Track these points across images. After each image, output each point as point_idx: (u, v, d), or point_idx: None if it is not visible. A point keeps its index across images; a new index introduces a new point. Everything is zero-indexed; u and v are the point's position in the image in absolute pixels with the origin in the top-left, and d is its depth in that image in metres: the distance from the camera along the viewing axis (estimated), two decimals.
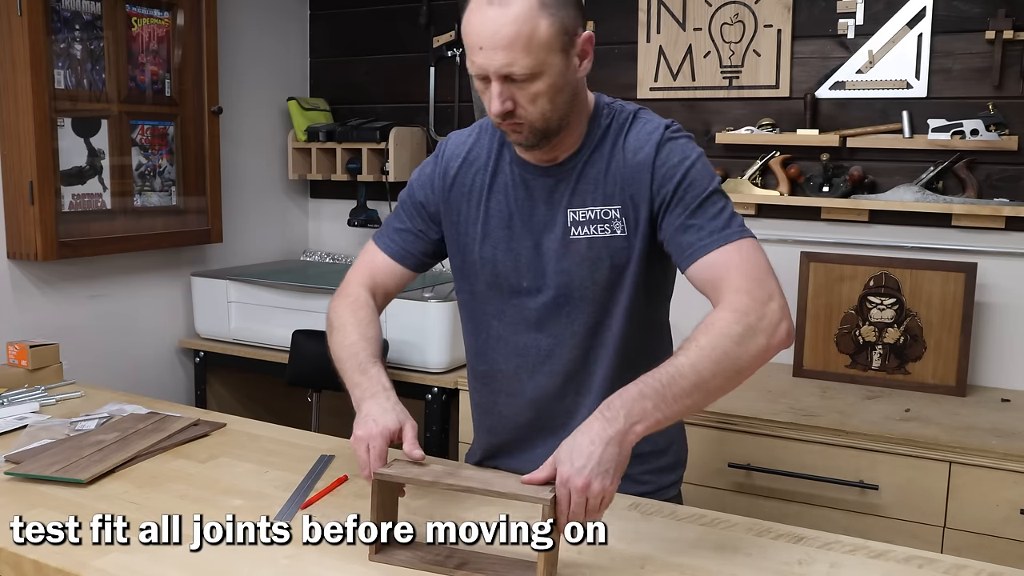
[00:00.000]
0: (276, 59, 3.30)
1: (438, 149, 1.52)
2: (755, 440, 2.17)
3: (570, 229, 1.38)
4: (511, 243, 1.42)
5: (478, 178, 1.45)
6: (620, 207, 1.35)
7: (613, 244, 1.36)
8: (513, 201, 1.41)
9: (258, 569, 1.18)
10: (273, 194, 3.35)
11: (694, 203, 1.31)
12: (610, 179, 1.36)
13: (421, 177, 1.52)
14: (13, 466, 1.49)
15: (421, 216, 1.51)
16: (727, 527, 1.32)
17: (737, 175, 2.67)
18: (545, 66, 1.25)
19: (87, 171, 2.62)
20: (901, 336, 2.43)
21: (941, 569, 1.19)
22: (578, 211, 1.37)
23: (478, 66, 1.26)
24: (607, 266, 1.37)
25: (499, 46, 1.22)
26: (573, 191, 1.38)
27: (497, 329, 1.48)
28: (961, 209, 2.39)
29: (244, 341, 2.91)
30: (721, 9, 2.67)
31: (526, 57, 1.23)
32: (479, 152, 1.46)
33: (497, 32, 1.22)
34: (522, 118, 1.29)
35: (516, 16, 1.21)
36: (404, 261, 1.52)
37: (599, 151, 1.37)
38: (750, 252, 1.29)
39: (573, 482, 1.09)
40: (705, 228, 1.29)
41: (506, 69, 1.24)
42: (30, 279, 2.54)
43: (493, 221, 1.43)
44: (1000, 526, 1.95)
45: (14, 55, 2.37)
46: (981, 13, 2.36)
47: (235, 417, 1.84)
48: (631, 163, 1.34)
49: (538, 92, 1.26)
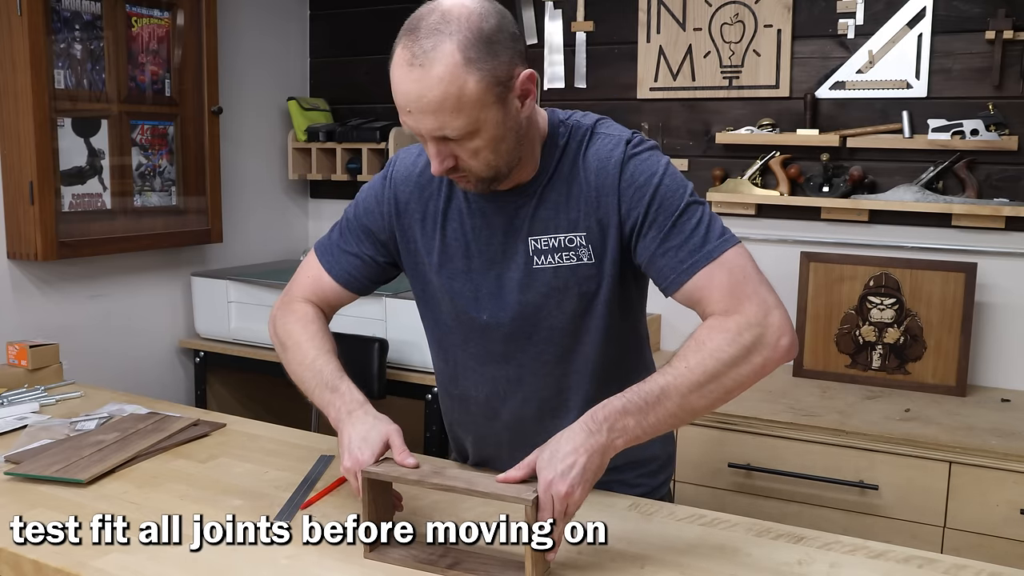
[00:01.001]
0: (276, 59, 3.30)
1: (387, 168, 1.42)
2: (755, 440, 2.17)
3: (532, 259, 1.29)
4: (470, 274, 1.34)
5: (431, 204, 1.36)
6: (585, 234, 1.27)
7: (580, 272, 1.29)
8: (470, 230, 1.33)
9: (258, 569, 1.17)
10: (273, 194, 3.35)
11: (667, 224, 1.23)
12: (572, 204, 1.27)
13: (368, 200, 1.42)
14: (13, 466, 1.49)
15: (369, 240, 1.43)
16: (727, 527, 1.32)
17: (737, 175, 2.67)
18: (480, 123, 1.16)
19: (87, 171, 2.62)
20: (901, 336, 2.43)
21: (941, 569, 1.19)
22: (540, 239, 1.29)
23: (410, 127, 1.18)
24: (575, 294, 1.30)
25: (426, 110, 1.14)
26: (533, 217, 1.29)
27: (463, 358, 1.42)
28: (961, 209, 2.39)
29: (244, 341, 2.91)
30: (721, 9, 2.67)
31: (457, 119, 1.14)
32: (430, 175, 1.34)
33: (422, 96, 1.13)
34: (465, 171, 1.22)
35: (440, 78, 1.11)
36: (349, 285, 1.46)
37: (558, 173, 1.29)
38: (735, 264, 1.22)
39: (556, 487, 1.08)
40: (683, 249, 1.22)
41: (439, 132, 1.16)
42: (30, 279, 2.54)
43: (450, 250, 1.34)
44: (1000, 526, 1.95)
45: (14, 55, 2.37)
46: (981, 13, 2.36)
47: (235, 417, 1.84)
48: (594, 185, 1.26)
49: (478, 147, 1.18)
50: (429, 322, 1.47)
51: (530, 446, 1.33)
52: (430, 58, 1.12)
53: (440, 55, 1.12)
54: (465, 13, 1.14)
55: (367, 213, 1.42)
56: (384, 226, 1.40)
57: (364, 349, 2.61)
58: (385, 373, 2.60)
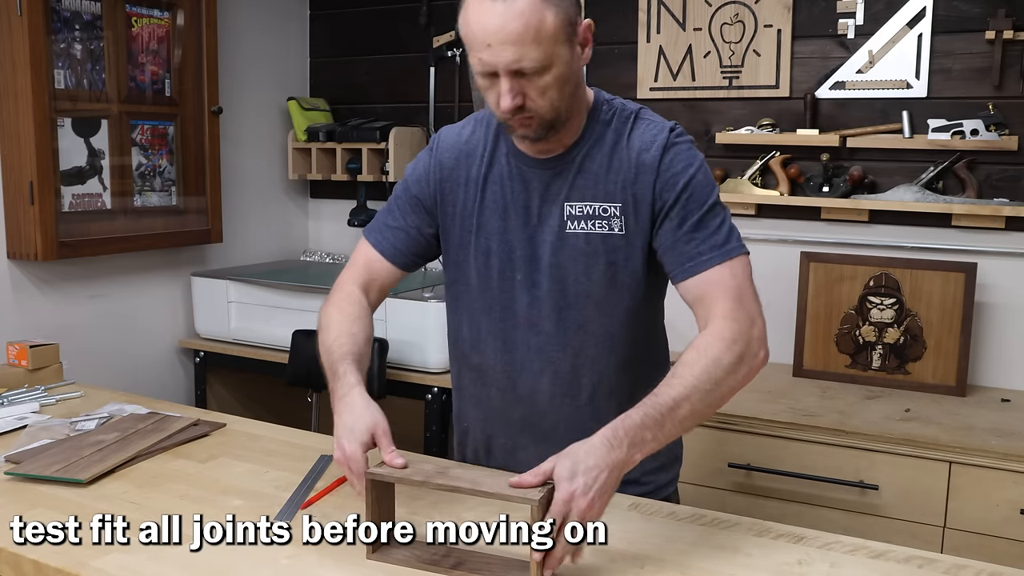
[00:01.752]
0: (276, 59, 3.30)
1: (432, 143, 1.50)
2: (755, 440, 2.17)
3: (566, 223, 1.36)
4: (505, 235, 1.40)
5: (473, 169, 1.43)
6: (621, 205, 1.34)
7: (610, 242, 1.35)
8: (509, 192, 1.39)
9: (258, 569, 1.18)
10: (273, 194, 3.35)
11: (695, 215, 1.31)
12: (612, 176, 1.34)
13: (416, 171, 1.49)
14: (13, 466, 1.49)
15: (416, 211, 1.48)
16: (727, 527, 1.32)
17: (737, 175, 2.67)
18: (554, 57, 1.23)
19: (87, 171, 2.62)
20: (901, 336, 2.43)
21: (941, 569, 1.19)
22: (575, 205, 1.36)
23: (485, 63, 1.23)
24: (603, 263, 1.36)
25: (508, 41, 1.20)
26: (572, 185, 1.36)
27: (488, 323, 1.46)
28: (961, 209, 2.39)
29: (244, 341, 2.91)
30: (721, 9, 2.67)
31: (536, 50, 1.21)
32: (475, 144, 1.44)
33: (504, 27, 1.20)
34: (532, 111, 1.27)
35: (522, 10, 1.19)
36: (396, 260, 1.49)
37: (599, 146, 1.36)
38: (742, 272, 1.31)
39: (577, 502, 1.08)
40: (706, 243, 1.30)
41: (516, 64, 1.22)
42: (30, 279, 2.54)
43: (487, 212, 1.41)
44: (1000, 526, 1.95)
45: (14, 55, 2.37)
46: (981, 13, 2.36)
47: (235, 417, 1.84)
48: (635, 162, 1.33)
49: (548, 84, 1.25)
50: (457, 287, 1.50)
51: (536, 428, 1.36)
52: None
53: None
54: None
55: (415, 182, 1.48)
56: (430, 192, 1.46)
57: None
58: (385, 373, 2.60)
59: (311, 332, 2.71)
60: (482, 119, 1.46)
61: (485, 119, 1.45)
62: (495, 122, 1.40)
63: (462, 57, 3.10)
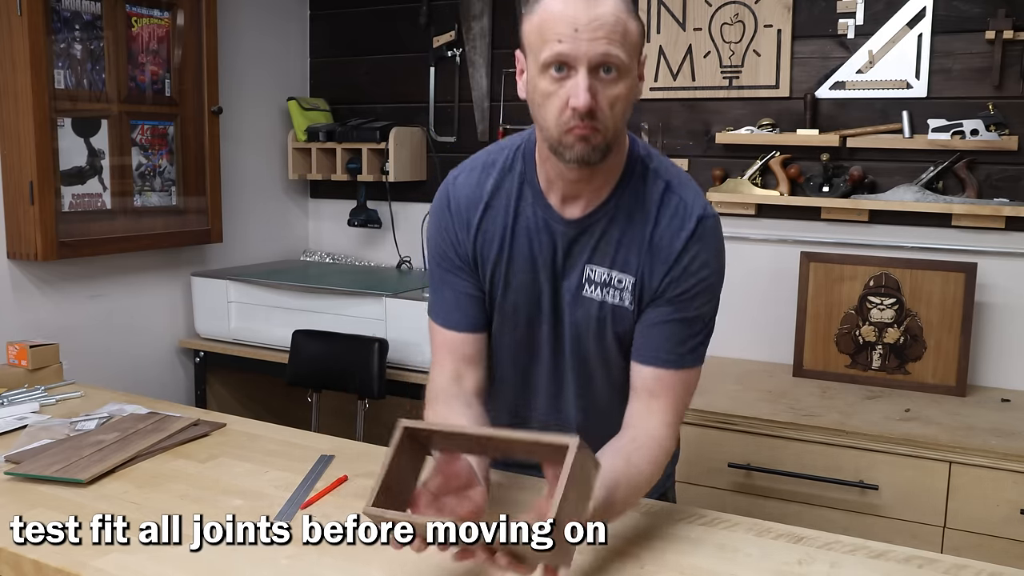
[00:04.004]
0: (276, 59, 3.30)
1: (446, 199, 1.38)
2: (755, 440, 2.17)
3: (584, 285, 1.32)
4: (534, 287, 1.35)
5: (499, 221, 1.35)
6: (634, 279, 1.30)
7: (619, 313, 1.32)
8: (536, 245, 1.33)
9: (258, 569, 1.18)
10: (273, 194, 3.35)
11: (685, 314, 1.28)
12: (632, 248, 1.30)
13: (442, 236, 1.39)
14: (13, 466, 1.49)
15: (463, 274, 1.39)
16: (727, 527, 1.32)
17: (737, 175, 2.67)
18: (630, 68, 1.19)
19: (87, 171, 2.62)
20: (901, 336, 2.43)
21: (941, 569, 1.19)
22: (596, 269, 1.32)
23: (563, 54, 1.15)
24: (611, 333, 1.34)
25: (598, 33, 1.14)
26: (595, 247, 1.31)
27: (511, 370, 1.44)
28: (961, 209, 2.39)
29: (244, 341, 2.91)
30: (721, 9, 2.67)
31: (622, 48, 1.16)
32: (496, 194, 1.35)
33: (596, 19, 1.14)
34: (600, 123, 1.18)
35: (611, 10, 1.16)
36: (476, 328, 1.39)
37: (625, 212, 1.30)
38: (693, 383, 1.32)
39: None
40: (681, 344, 1.29)
41: (603, 57, 1.15)
42: (30, 279, 2.54)
43: (516, 265, 1.35)
44: (1000, 526, 1.95)
45: (14, 55, 2.37)
46: (981, 13, 2.36)
47: (235, 417, 1.84)
48: (656, 247, 1.28)
49: (619, 95, 1.18)
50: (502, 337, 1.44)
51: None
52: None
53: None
54: None
55: (450, 247, 1.38)
56: (465, 252, 1.38)
57: (364, 349, 2.61)
58: (385, 373, 2.60)
59: (311, 332, 2.72)
60: (496, 165, 1.37)
61: (500, 165, 1.36)
62: (518, 167, 1.35)
63: (462, 57, 3.10)
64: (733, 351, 2.71)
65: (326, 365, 2.67)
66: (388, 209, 3.24)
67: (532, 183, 1.33)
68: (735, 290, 2.70)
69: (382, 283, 2.86)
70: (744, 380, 2.49)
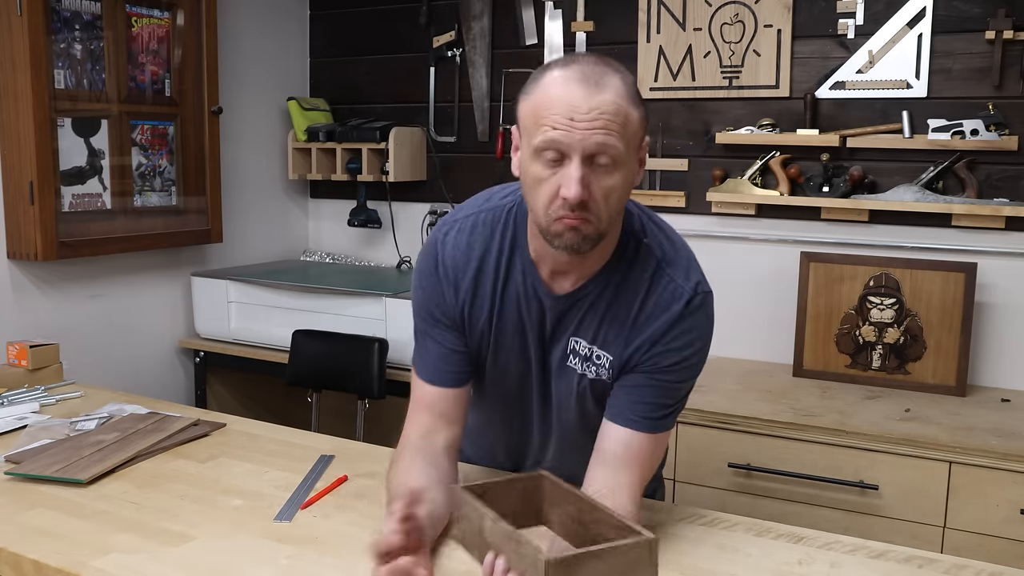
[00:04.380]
0: (276, 59, 3.30)
1: (435, 261, 1.34)
2: (755, 440, 2.17)
3: (568, 356, 1.31)
4: (523, 352, 1.34)
5: (488, 284, 1.32)
6: (613, 359, 1.28)
7: (597, 386, 1.31)
8: (526, 311, 1.31)
9: (258, 569, 1.18)
10: (273, 194, 3.35)
11: (661, 383, 1.26)
12: (614, 325, 1.27)
13: (428, 296, 1.35)
14: (13, 466, 1.50)
15: (449, 331, 1.35)
16: (727, 527, 1.32)
17: (737, 175, 2.67)
18: (627, 158, 1.14)
19: (87, 171, 2.62)
20: (901, 336, 2.43)
21: (941, 569, 1.19)
22: (580, 342, 1.30)
23: (558, 142, 1.11)
24: (592, 400, 1.33)
25: (597, 121, 1.10)
26: (581, 321, 1.29)
27: (501, 428, 1.48)
28: (961, 209, 2.39)
29: (244, 341, 2.91)
30: (721, 9, 2.67)
31: (619, 140, 1.12)
32: (485, 256, 1.32)
33: (595, 108, 1.10)
34: (593, 213, 1.14)
35: (613, 100, 1.11)
36: (459, 383, 1.36)
37: (613, 286, 1.27)
38: (661, 450, 1.30)
39: None
40: (655, 411, 1.26)
41: (598, 147, 1.11)
42: (30, 279, 2.54)
43: (506, 330, 1.32)
44: (1000, 526, 1.95)
45: (14, 55, 2.37)
46: (981, 13, 2.36)
47: (235, 417, 1.84)
48: (641, 326, 1.26)
49: (614, 186, 1.14)
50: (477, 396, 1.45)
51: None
52: (604, 80, 1.12)
53: (612, 81, 1.13)
54: (616, 63, 1.17)
55: (436, 306, 1.34)
56: (452, 313, 1.34)
57: (364, 349, 2.61)
58: (385, 373, 2.60)
59: (311, 332, 2.72)
60: (486, 223, 1.33)
61: (489, 223, 1.32)
62: (509, 232, 1.31)
63: (462, 57, 3.10)
64: (733, 351, 2.71)
65: (326, 365, 2.67)
66: (388, 209, 3.24)
67: (523, 251, 1.29)
68: (735, 290, 2.73)
69: (382, 283, 2.87)
70: (744, 380, 2.49)
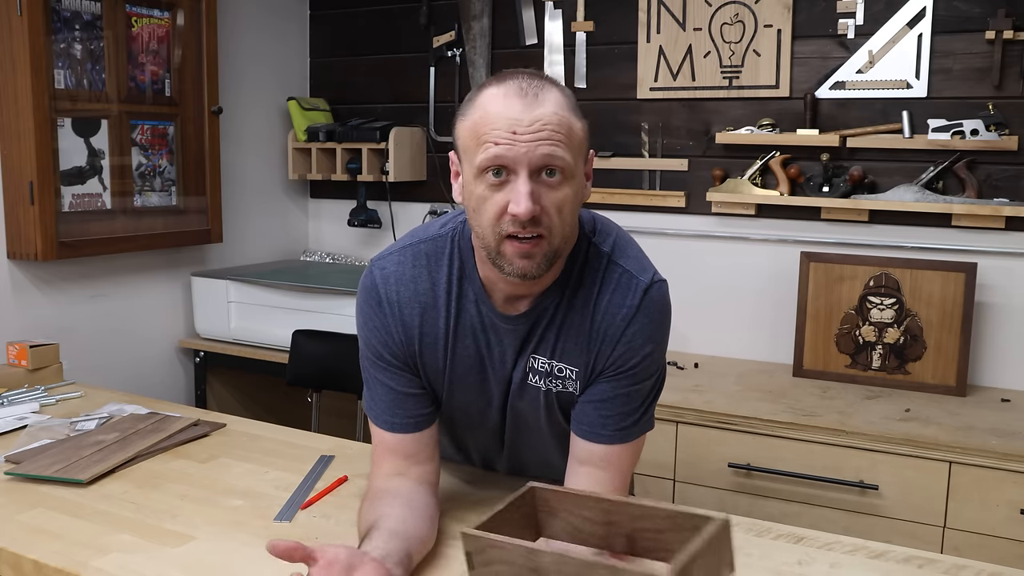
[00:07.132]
0: (276, 59, 3.30)
1: (376, 295, 1.27)
2: (755, 440, 2.17)
3: (528, 375, 1.26)
4: (483, 386, 1.29)
5: (440, 322, 1.25)
6: (578, 370, 1.24)
7: (563, 398, 1.27)
8: (483, 344, 1.26)
9: (258, 569, 1.17)
10: (273, 194, 3.35)
11: (626, 388, 1.22)
12: (573, 338, 1.23)
13: (374, 334, 1.28)
14: (13, 466, 1.50)
15: (400, 371, 1.28)
16: None
17: (737, 175, 2.67)
18: (575, 169, 1.11)
19: (87, 171, 2.62)
20: (901, 336, 2.43)
21: (941, 569, 1.19)
22: (539, 360, 1.25)
23: (501, 157, 1.07)
24: (559, 415, 1.30)
25: (541, 132, 1.07)
26: (540, 338, 1.24)
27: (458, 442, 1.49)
28: (961, 209, 2.39)
29: (244, 341, 2.91)
30: (721, 9, 2.67)
31: (566, 151, 1.08)
32: (437, 292, 1.25)
33: (537, 120, 1.07)
34: (546, 228, 1.10)
35: (555, 111, 1.09)
36: (419, 427, 1.29)
37: (568, 294, 1.23)
38: (635, 454, 1.26)
39: None
40: (622, 420, 1.23)
41: (545, 159, 1.07)
42: (30, 279, 2.54)
43: (461, 368, 1.27)
44: (1000, 526, 1.95)
45: (14, 55, 2.37)
46: (981, 13, 2.36)
47: (235, 417, 1.84)
48: (598, 329, 1.22)
49: (565, 199, 1.10)
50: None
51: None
52: (543, 93, 1.10)
53: (551, 94, 1.11)
54: (551, 77, 1.16)
55: (383, 346, 1.27)
56: (403, 352, 1.28)
57: None
58: None
59: (311, 332, 2.72)
60: (427, 257, 1.26)
61: (432, 254, 1.26)
62: (456, 262, 1.25)
63: (462, 57, 3.10)
64: (733, 351, 2.71)
65: (326, 365, 2.67)
66: (388, 209, 3.24)
67: (472, 280, 1.24)
68: (735, 290, 2.73)
69: None
70: (744, 380, 2.49)
